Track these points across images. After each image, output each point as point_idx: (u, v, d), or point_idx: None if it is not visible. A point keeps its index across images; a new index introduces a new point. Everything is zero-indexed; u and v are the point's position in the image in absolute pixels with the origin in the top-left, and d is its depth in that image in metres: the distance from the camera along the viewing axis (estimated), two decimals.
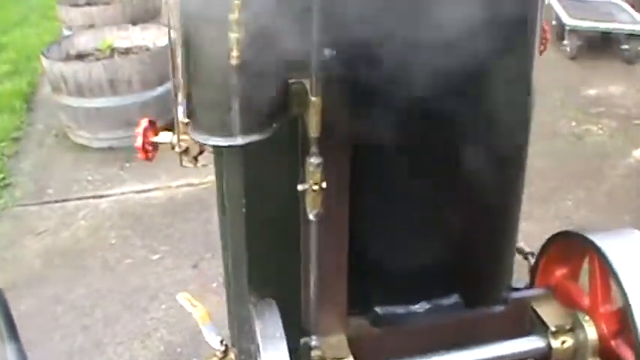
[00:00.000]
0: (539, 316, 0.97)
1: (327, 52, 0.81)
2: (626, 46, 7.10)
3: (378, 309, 1.01)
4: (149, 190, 4.58)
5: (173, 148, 1.21)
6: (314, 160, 0.95)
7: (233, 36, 0.71)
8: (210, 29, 0.68)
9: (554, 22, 7.57)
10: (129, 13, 6.34)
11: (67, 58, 5.37)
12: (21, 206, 4.42)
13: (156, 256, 3.85)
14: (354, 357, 0.89)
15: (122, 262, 3.82)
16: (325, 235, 0.91)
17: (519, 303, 1.02)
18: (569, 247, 1.04)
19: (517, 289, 1.12)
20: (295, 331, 0.92)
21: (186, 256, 3.84)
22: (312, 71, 0.80)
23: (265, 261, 0.96)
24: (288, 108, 0.90)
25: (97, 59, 5.31)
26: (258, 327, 0.86)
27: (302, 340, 0.90)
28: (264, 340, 0.84)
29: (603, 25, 7.24)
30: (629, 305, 0.89)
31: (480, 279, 1.07)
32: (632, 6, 7.55)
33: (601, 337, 0.96)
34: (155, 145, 1.23)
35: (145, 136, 1.20)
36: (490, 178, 1.04)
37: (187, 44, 0.79)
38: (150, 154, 1.23)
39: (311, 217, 0.93)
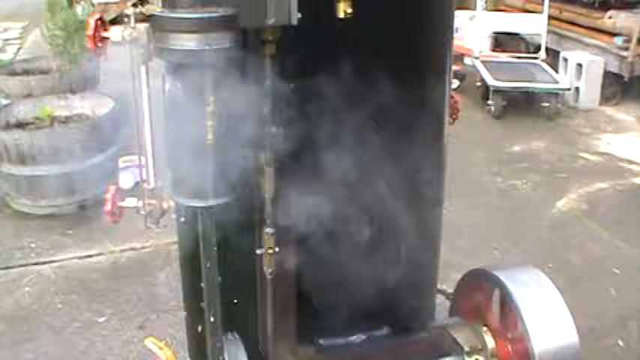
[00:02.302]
0: (455, 340, 1.16)
1: (274, 130, 0.98)
2: (546, 104, 7.53)
3: (321, 341, 1.18)
4: (93, 256, 4.66)
5: (138, 211, 1.36)
6: (269, 230, 1.12)
7: (209, 123, 0.87)
8: (191, 120, 0.84)
9: (479, 84, 7.97)
10: (67, 82, 6.46)
11: (7, 127, 5.44)
12: None
13: (102, 319, 3.93)
14: None
15: (69, 325, 3.88)
16: (277, 287, 1.09)
17: (439, 330, 1.21)
18: (479, 282, 1.23)
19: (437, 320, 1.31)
20: None
21: (132, 317, 3.93)
22: (266, 147, 0.97)
23: (231, 304, 1.13)
24: (249, 176, 1.06)
25: (38, 128, 5.41)
26: (227, 354, 1.03)
27: None
28: None
29: (524, 85, 7.68)
30: (526, 331, 1.09)
31: (406, 314, 1.25)
32: (552, 67, 8.02)
33: (505, 356, 1.16)
34: (121, 210, 1.38)
35: (113, 201, 1.35)
36: (411, 233, 1.23)
37: (169, 130, 0.94)
38: (117, 218, 1.38)
39: (267, 274, 1.10)
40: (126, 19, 1.12)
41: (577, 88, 7.91)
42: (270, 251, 1.04)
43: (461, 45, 9.56)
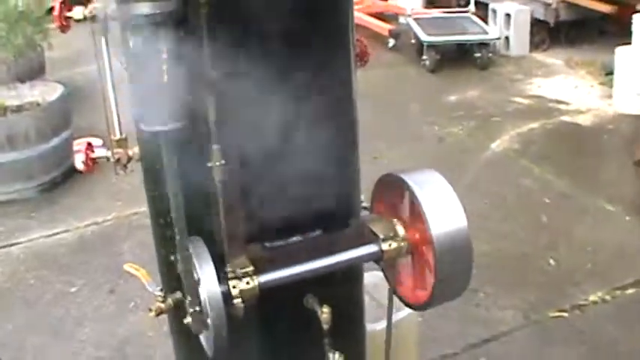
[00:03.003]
0: (373, 232, 1.47)
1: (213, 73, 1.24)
2: (478, 54, 7.86)
3: (266, 243, 1.49)
4: (59, 233, 4.88)
5: (108, 160, 1.61)
6: (215, 146, 1.38)
7: (164, 67, 1.14)
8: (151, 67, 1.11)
9: (413, 41, 8.27)
10: (14, 72, 6.61)
11: None
12: None
13: (74, 289, 4.18)
14: (254, 268, 1.38)
15: (42, 298, 4.13)
16: (225, 197, 1.38)
17: (359, 226, 1.52)
18: (389, 183, 1.53)
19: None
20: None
21: (102, 284, 4.19)
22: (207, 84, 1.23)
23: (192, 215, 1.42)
24: (198, 106, 1.32)
25: None
26: (194, 255, 1.32)
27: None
28: (199, 261, 1.31)
29: (456, 38, 8.01)
30: (426, 220, 1.40)
31: (335, 219, 1.56)
32: (482, 19, 8.36)
33: (412, 242, 1.47)
34: (94, 161, 1.63)
35: (86, 153, 1.61)
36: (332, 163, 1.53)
37: (134, 78, 1.18)
38: (91, 168, 1.63)
39: (217, 184, 1.38)
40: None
41: (507, 38, 8.26)
42: (217, 164, 1.31)
43: (394, 4, 9.89)
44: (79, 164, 1.70)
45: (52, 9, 1.54)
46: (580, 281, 3.92)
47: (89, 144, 1.66)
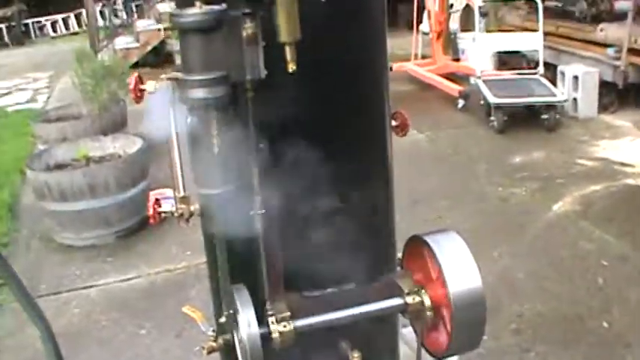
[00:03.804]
0: (399, 286, 1.66)
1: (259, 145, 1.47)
2: (546, 116, 7.96)
3: (304, 292, 1.69)
4: (131, 279, 5.18)
5: (173, 214, 1.83)
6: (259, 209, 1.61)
7: (214, 142, 1.38)
8: (204, 141, 1.35)
9: (482, 102, 8.43)
10: (98, 125, 7.04)
11: (48, 168, 6.01)
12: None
13: (143, 331, 4.45)
14: (291, 313, 1.58)
15: (114, 338, 4.40)
16: (267, 248, 1.59)
17: (388, 280, 1.71)
18: (415, 244, 1.72)
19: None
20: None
21: (169, 328, 4.43)
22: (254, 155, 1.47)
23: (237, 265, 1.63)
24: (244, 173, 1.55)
25: (75, 168, 5.97)
26: (236, 298, 1.53)
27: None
28: (241, 304, 1.52)
29: (523, 100, 8.14)
30: (445, 278, 1.59)
31: (367, 273, 1.76)
32: (551, 81, 8.47)
33: (433, 297, 1.65)
34: (160, 214, 1.86)
35: (153, 207, 1.84)
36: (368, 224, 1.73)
37: (192, 149, 1.41)
38: (157, 220, 1.86)
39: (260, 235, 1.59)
40: (162, 77, 1.61)
41: (575, 99, 8.35)
42: (259, 212, 1.52)
43: (465, 65, 10.10)
44: (150, 211, 1.93)
45: (134, 65, 1.79)
46: (632, 343, 3.96)
47: (157, 199, 1.90)
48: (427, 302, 1.64)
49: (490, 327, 4.12)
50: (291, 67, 1.33)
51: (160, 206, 1.88)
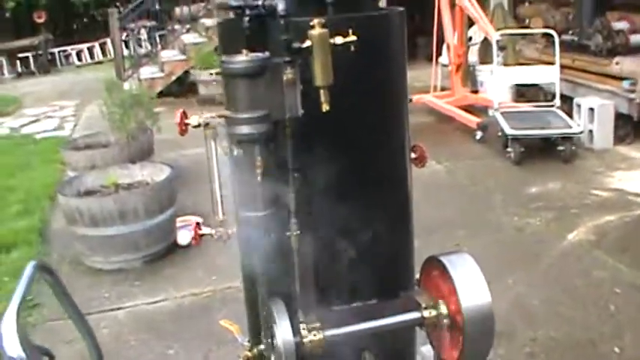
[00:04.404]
0: (417, 302, 1.85)
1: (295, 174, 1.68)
2: (562, 148, 8.11)
3: (333, 307, 1.89)
4: (159, 302, 5.38)
5: (212, 237, 2.04)
6: (294, 230, 1.81)
7: (258, 171, 1.61)
8: (248, 170, 1.56)
9: (499, 134, 8.59)
10: (126, 153, 7.28)
11: (79, 195, 6.23)
12: (50, 321, 5.17)
13: (171, 351, 4.63)
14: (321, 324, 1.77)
15: (143, 357, 4.59)
16: (301, 264, 1.79)
17: (407, 297, 1.90)
18: (431, 264, 1.92)
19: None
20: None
21: (197, 349, 4.62)
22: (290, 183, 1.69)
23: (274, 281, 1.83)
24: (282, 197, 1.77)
25: (105, 195, 6.20)
26: (274, 310, 1.73)
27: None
28: (278, 316, 1.72)
29: (539, 132, 8.29)
30: (458, 294, 1.78)
31: (389, 293, 1.95)
32: (567, 113, 8.64)
33: (450, 313, 1.84)
34: (200, 237, 2.07)
35: (195, 230, 2.05)
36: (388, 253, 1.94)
37: (236, 176, 1.61)
38: (198, 242, 2.07)
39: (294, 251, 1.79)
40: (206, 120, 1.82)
41: (591, 131, 8.51)
42: (295, 234, 1.72)
43: (483, 97, 10.29)
44: (182, 239, 2.15)
45: (159, 94, 2.00)
46: None
47: (197, 223, 2.11)
48: (443, 313, 1.83)
49: (504, 350, 4.31)
50: (325, 107, 1.54)
51: (200, 229, 2.09)
